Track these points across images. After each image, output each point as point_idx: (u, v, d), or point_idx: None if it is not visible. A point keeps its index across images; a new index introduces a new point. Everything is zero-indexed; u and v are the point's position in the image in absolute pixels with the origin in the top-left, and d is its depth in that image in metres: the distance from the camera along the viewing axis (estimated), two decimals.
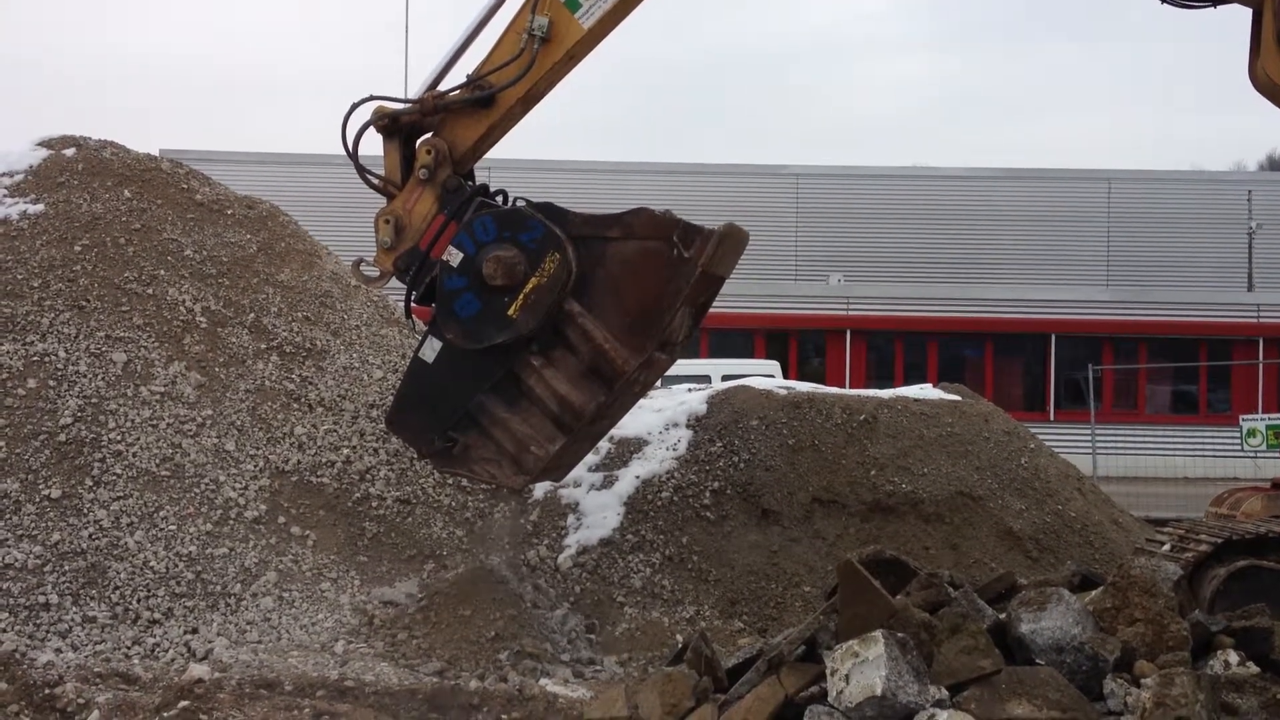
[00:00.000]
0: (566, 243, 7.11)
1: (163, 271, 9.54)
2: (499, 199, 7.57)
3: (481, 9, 7.50)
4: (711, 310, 7.95)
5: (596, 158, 33.40)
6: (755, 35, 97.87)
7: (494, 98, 7.37)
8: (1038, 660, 5.27)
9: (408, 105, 7.48)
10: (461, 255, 7.22)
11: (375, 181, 7.62)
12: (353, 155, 7.47)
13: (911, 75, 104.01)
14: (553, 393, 7.21)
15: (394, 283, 7.78)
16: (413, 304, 7.86)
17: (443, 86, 7.50)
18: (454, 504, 9.06)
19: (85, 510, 7.87)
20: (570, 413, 7.22)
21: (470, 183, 7.58)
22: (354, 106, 7.44)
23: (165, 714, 5.97)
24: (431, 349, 7.41)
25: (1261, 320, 27.50)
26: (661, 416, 9.98)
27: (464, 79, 7.47)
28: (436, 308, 7.37)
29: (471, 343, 7.24)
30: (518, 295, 7.12)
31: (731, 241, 7.25)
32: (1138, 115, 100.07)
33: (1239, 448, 17.84)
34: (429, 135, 7.55)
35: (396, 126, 7.52)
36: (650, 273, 7.08)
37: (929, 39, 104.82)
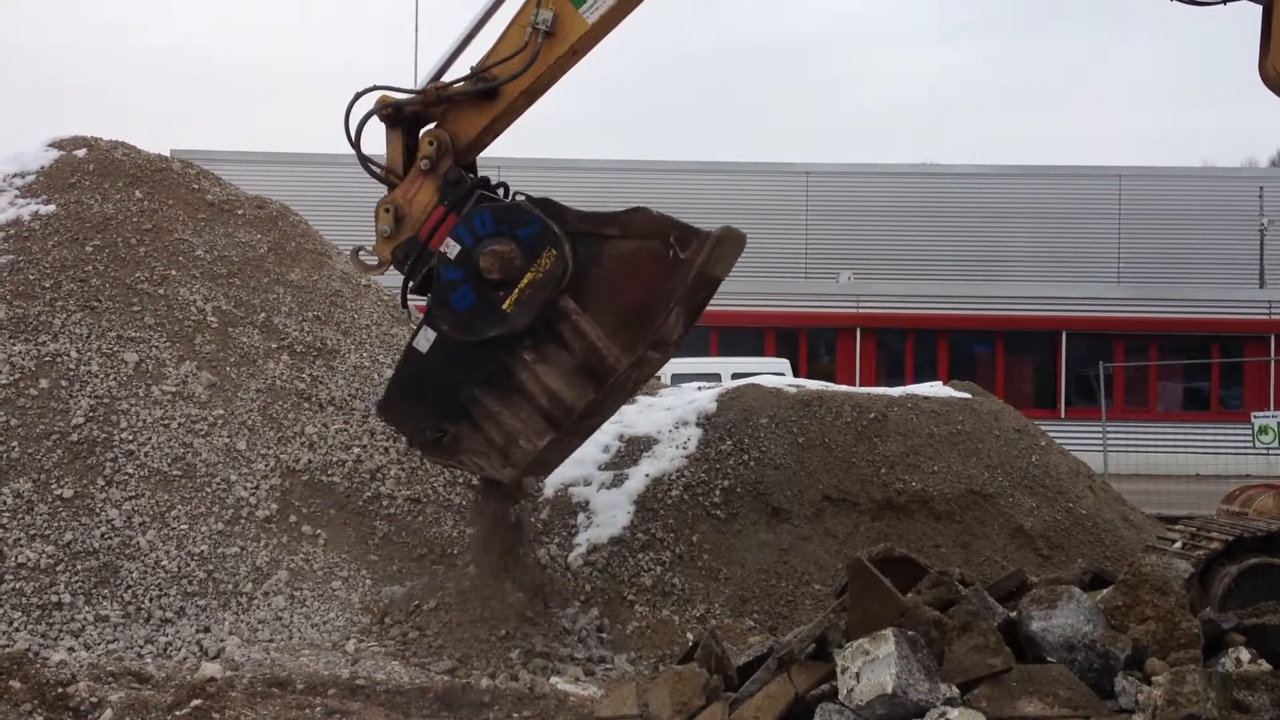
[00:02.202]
0: (563, 239, 7.11)
1: (174, 271, 9.57)
2: (500, 193, 7.58)
3: (487, 1, 7.52)
4: (721, 308, 7.96)
5: (604, 155, 33.41)
6: (761, 29, 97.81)
7: (497, 90, 7.39)
8: (1049, 658, 5.26)
9: (411, 95, 7.50)
10: (459, 247, 7.25)
11: (377, 171, 7.64)
12: (355, 144, 7.49)
13: (920, 69, 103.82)
14: (544, 388, 7.23)
15: (395, 272, 7.81)
16: (410, 294, 7.88)
17: (447, 78, 7.52)
18: (464, 503, 9.07)
19: (97, 510, 7.91)
20: (560, 408, 7.24)
21: (472, 175, 7.59)
22: (357, 96, 7.47)
23: (178, 712, 5.98)
24: (426, 339, 7.43)
25: (1273, 317, 27.40)
26: (671, 415, 9.97)
27: (468, 71, 7.49)
28: (432, 298, 7.39)
29: (465, 335, 7.27)
30: (513, 290, 7.15)
31: (728, 244, 7.25)
32: (1148, 111, 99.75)
33: (1251, 445, 17.81)
34: (432, 126, 7.57)
35: (400, 116, 7.55)
36: (646, 272, 7.09)
37: (937, 32, 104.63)
